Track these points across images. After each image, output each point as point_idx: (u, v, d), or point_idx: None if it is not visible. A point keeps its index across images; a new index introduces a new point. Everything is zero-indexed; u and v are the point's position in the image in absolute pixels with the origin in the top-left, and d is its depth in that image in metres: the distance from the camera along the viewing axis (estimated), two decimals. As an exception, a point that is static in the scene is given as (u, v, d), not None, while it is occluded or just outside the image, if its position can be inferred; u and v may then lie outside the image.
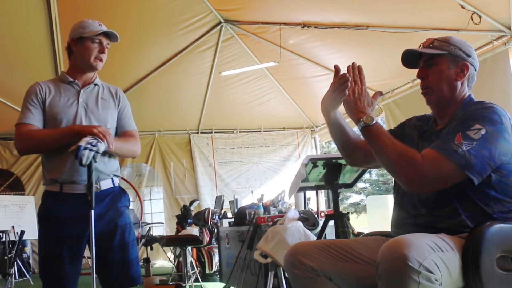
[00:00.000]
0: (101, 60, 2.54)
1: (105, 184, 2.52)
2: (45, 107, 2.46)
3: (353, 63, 1.99)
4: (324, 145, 11.72)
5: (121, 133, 2.63)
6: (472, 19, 4.97)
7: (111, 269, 2.48)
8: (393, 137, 1.80)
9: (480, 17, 4.96)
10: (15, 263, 6.70)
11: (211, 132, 9.97)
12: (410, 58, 1.99)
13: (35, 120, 2.42)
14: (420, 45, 2.00)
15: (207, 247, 6.74)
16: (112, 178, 2.56)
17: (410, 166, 1.69)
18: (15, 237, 7.11)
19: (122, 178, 2.62)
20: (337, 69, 1.96)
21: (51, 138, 2.39)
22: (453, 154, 1.65)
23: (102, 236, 2.43)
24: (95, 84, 2.61)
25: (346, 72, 1.94)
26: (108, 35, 2.55)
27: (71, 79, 2.54)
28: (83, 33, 2.50)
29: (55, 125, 2.44)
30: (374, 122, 1.82)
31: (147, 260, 6.63)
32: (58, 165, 2.41)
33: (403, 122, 2.15)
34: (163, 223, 9.31)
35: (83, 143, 2.27)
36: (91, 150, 2.27)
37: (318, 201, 4.33)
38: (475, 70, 1.94)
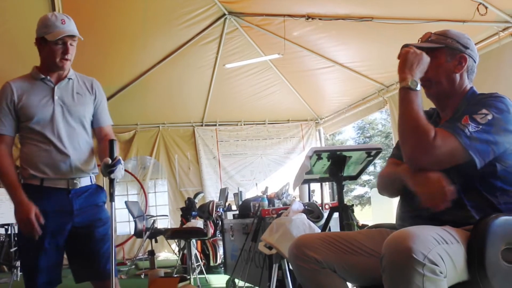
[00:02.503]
0: (67, 59, 2.47)
1: (84, 181, 2.56)
2: (20, 108, 2.44)
3: None
4: (328, 137, 11.71)
5: (97, 128, 2.65)
6: (478, 10, 4.93)
7: (89, 261, 2.52)
8: (422, 112, 1.76)
9: (486, 8, 4.91)
10: (21, 255, 6.72)
11: (215, 125, 9.97)
12: None
13: (7, 130, 2.45)
14: (418, 40, 2.00)
15: (211, 239, 6.76)
16: (90, 176, 2.61)
17: (423, 138, 1.69)
18: (21, 230, 7.13)
19: (126, 171, 2.65)
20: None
21: (5, 184, 2.46)
22: (459, 132, 1.67)
23: (82, 229, 2.50)
24: (69, 78, 2.57)
25: None
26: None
27: (43, 76, 2.51)
28: (46, 33, 2.43)
29: (29, 125, 2.45)
30: (417, 88, 1.79)
31: (151, 253, 6.65)
32: (38, 161, 2.45)
33: None
34: (167, 215, 9.33)
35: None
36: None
37: (322, 193, 4.33)
38: (475, 62, 1.95)
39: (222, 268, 6.42)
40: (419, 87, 1.79)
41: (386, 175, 2.02)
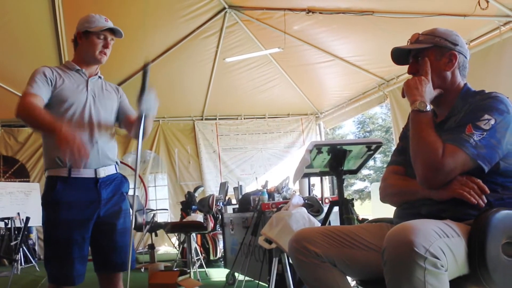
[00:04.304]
0: (105, 54, 2.62)
1: (110, 170, 2.60)
2: (55, 89, 2.49)
3: None
4: (328, 131, 11.70)
5: (124, 117, 2.76)
6: (479, 4, 4.91)
7: (113, 251, 2.55)
8: (432, 130, 1.78)
9: (487, 2, 4.89)
10: (21, 249, 6.74)
11: (216, 119, 9.97)
12: (399, 56, 2.03)
13: (42, 91, 2.43)
14: (408, 42, 2.02)
15: (211, 233, 6.77)
16: (115, 165, 2.65)
17: (432, 158, 1.71)
18: (21, 224, 7.16)
19: (126, 164, 2.67)
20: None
21: (39, 122, 2.37)
22: (465, 144, 1.69)
23: (109, 218, 2.53)
24: (99, 77, 2.71)
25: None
26: (113, 31, 2.62)
27: (78, 68, 2.61)
28: (89, 27, 2.57)
29: (62, 108, 2.48)
30: (425, 109, 1.82)
31: (151, 246, 6.66)
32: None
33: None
34: (167, 209, 9.34)
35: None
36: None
37: (322, 188, 4.33)
38: (466, 58, 1.96)
39: (222, 262, 6.44)
40: (428, 108, 1.82)
41: (396, 186, 1.98)
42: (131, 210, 2.74)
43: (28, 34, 6.53)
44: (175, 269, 5.47)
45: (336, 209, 3.03)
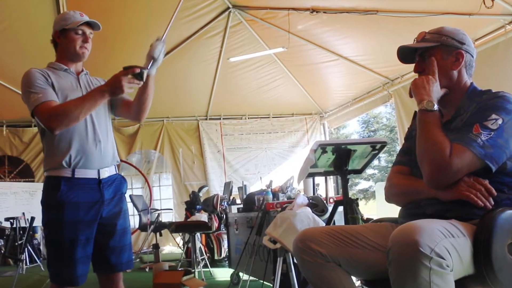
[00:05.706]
0: (86, 49, 2.58)
1: (111, 171, 2.59)
2: (54, 89, 2.45)
3: None
4: (332, 131, 11.69)
5: (123, 101, 2.71)
6: (484, 3, 4.89)
7: (113, 251, 2.53)
8: (440, 130, 1.77)
9: (492, 0, 4.88)
10: (26, 249, 6.77)
11: (220, 118, 9.99)
12: (405, 54, 2.01)
13: (52, 95, 2.40)
14: (414, 40, 2.01)
15: (216, 233, 6.78)
16: (114, 166, 2.64)
17: (439, 158, 1.69)
18: (26, 224, 7.19)
19: (131, 164, 2.67)
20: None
21: (86, 106, 2.36)
22: (472, 144, 1.68)
23: (109, 219, 2.52)
24: (86, 73, 2.68)
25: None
26: (90, 24, 2.58)
27: (66, 67, 2.57)
28: (65, 25, 2.53)
29: None
30: (433, 108, 1.81)
31: (156, 246, 6.67)
32: (71, 147, 2.43)
33: (415, 112, 2.14)
34: (172, 209, 9.36)
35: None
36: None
37: (327, 187, 4.33)
38: (472, 57, 1.95)
39: (227, 262, 6.43)
40: (436, 107, 1.81)
41: (401, 186, 1.97)
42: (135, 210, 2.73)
43: (33, 35, 6.53)
44: (180, 269, 5.47)
45: (340, 208, 3.02)
